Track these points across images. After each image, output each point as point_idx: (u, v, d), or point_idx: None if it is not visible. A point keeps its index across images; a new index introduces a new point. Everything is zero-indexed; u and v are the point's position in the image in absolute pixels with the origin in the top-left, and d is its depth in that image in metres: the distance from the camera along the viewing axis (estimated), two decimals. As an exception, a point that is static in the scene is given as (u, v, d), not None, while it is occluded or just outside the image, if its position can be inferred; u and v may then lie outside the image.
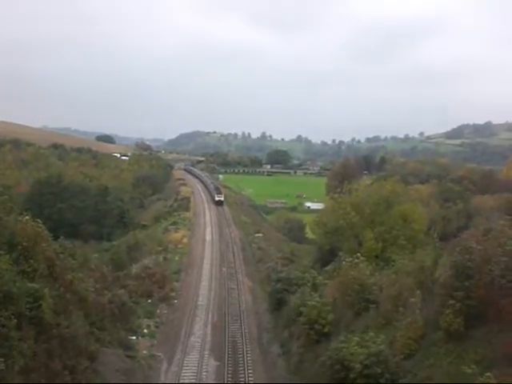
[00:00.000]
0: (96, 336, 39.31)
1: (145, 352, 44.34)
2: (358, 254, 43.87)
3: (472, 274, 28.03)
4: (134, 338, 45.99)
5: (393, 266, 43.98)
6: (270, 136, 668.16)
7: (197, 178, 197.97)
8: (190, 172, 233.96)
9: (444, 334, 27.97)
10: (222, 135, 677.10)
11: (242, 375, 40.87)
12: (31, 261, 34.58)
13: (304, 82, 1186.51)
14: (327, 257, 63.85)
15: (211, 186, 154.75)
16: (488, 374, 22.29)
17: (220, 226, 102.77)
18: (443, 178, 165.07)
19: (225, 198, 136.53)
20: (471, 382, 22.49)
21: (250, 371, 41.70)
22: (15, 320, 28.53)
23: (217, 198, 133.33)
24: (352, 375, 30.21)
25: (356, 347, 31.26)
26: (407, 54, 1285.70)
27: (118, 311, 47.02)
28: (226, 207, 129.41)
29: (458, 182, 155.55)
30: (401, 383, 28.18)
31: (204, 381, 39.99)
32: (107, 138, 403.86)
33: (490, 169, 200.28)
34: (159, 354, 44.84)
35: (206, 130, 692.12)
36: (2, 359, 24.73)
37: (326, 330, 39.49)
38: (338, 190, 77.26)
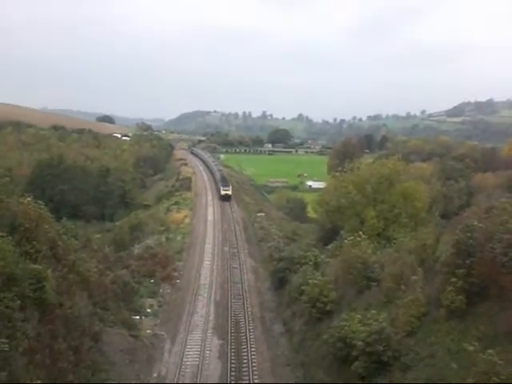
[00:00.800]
0: (99, 316, 39.57)
1: (148, 331, 44.63)
2: (360, 233, 43.96)
3: (474, 251, 28.07)
4: (138, 317, 46.25)
5: (394, 244, 44.10)
6: (271, 115, 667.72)
7: (201, 160, 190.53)
8: (196, 155, 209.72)
9: (446, 311, 28.09)
10: (223, 115, 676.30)
11: (245, 353, 41.14)
12: (34, 242, 34.64)
13: (305, 60, 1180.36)
14: (329, 235, 63.88)
15: (215, 170, 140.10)
16: (490, 351, 22.38)
17: (222, 206, 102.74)
18: (445, 156, 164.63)
19: (233, 190, 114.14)
20: (473, 360, 22.61)
21: (252, 349, 41.98)
22: (19, 301, 28.68)
23: (223, 192, 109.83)
24: (354, 353, 30.48)
25: (358, 325, 31.49)
26: (410, 31, 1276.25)
27: (121, 291, 47.27)
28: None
29: (459, 160, 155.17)
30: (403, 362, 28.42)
31: (207, 359, 40.29)
32: (108, 119, 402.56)
33: (492, 146, 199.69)
34: (162, 333, 45.11)
35: (207, 110, 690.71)
36: (6, 340, 24.87)
37: (328, 308, 39.65)
38: (340, 168, 77.12)
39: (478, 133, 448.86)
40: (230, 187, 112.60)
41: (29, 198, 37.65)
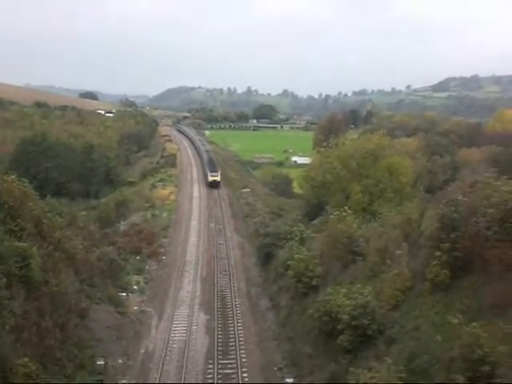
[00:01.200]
0: (86, 293, 39.59)
1: (135, 308, 44.78)
2: (346, 208, 44.09)
3: (458, 225, 28.26)
4: (124, 294, 46.34)
5: (379, 218, 44.31)
6: (256, 91, 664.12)
7: (186, 137, 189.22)
8: (181, 132, 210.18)
9: (430, 285, 28.32)
10: (208, 90, 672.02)
11: (232, 328, 41.44)
12: (18, 220, 34.44)
13: (291, 33, 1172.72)
14: (315, 211, 64.03)
15: (200, 148, 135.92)
16: (474, 323, 22.64)
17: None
18: (430, 132, 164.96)
19: (222, 176, 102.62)
20: (457, 332, 22.88)
21: (239, 324, 42.30)
22: (4, 279, 28.55)
23: (210, 178, 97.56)
24: (340, 326, 30.71)
25: (343, 299, 31.70)
26: (399, 6, 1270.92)
27: (107, 268, 47.25)
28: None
29: (444, 136, 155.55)
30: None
31: (194, 334, 40.55)
32: (91, 95, 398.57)
33: (477, 122, 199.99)
34: (149, 309, 45.30)
35: (192, 86, 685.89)
36: (-7, 318, 24.85)
37: (313, 282, 39.89)
38: (325, 144, 77.01)
39: (463, 108, 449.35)
40: (219, 172, 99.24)
41: (13, 176, 37.37)
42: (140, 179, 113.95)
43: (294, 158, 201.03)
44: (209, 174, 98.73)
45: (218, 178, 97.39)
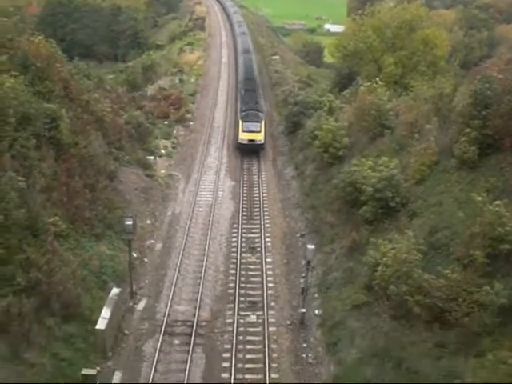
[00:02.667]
0: (114, 156, 40.21)
1: (163, 172, 45.50)
2: (377, 79, 43.09)
3: (491, 103, 27.59)
4: (152, 158, 46.91)
5: (411, 92, 43.41)
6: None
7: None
8: None
9: (457, 161, 28.17)
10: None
11: (257, 195, 42.23)
12: (46, 82, 34.42)
13: None
14: (345, 81, 62.84)
15: (230, 12, 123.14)
16: (497, 202, 22.71)
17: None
18: (469, 5, 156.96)
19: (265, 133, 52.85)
20: (480, 210, 22.99)
21: (264, 190, 43.07)
22: (34, 140, 29.08)
23: (244, 136, 50.44)
24: (363, 198, 31.09)
25: (369, 171, 31.81)
26: None
27: (135, 132, 47.49)
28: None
29: (484, 10, 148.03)
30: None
31: (220, 199, 41.48)
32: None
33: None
34: (177, 173, 46.05)
35: None
36: (23, 178, 25.47)
37: (340, 153, 39.91)
38: (360, 11, 74.22)
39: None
40: (262, 123, 51.25)
41: (40, 37, 36.85)
42: (168, 43, 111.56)
43: (327, 26, 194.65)
44: (242, 126, 50.74)
45: (261, 136, 50.37)
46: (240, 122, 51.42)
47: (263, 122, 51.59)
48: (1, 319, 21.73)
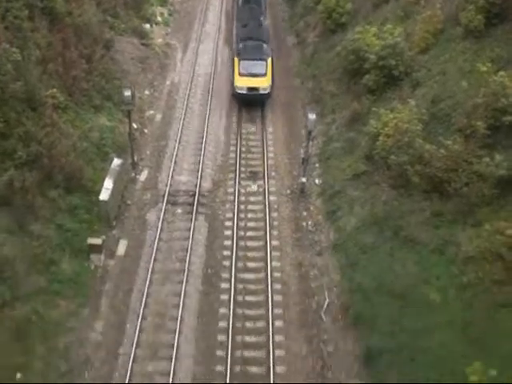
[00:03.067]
0: (110, 24, 38.87)
1: (160, 40, 44.08)
2: None
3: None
4: (148, 26, 45.26)
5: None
6: None
7: None
8: None
9: (463, 30, 27.23)
10: None
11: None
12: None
13: None
14: None
15: None
16: (502, 72, 22.26)
17: None
18: None
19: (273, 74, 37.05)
20: (484, 80, 22.57)
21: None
22: (26, 11, 27.90)
23: (240, 86, 35.28)
24: (366, 66, 30.43)
25: (372, 38, 30.91)
26: None
27: (130, -2, 45.48)
28: None
29: None
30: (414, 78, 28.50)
31: (219, 66, 40.58)
32: None
33: None
34: (174, 42, 44.73)
35: None
36: (18, 50, 24.73)
37: (343, 20, 38.47)
38: None
39: None
40: (269, 61, 36.06)
41: None
42: None
43: None
44: (239, 58, 36.25)
45: (267, 82, 35.52)
46: (236, 60, 36.31)
47: (269, 60, 36.17)
48: (4, 193, 22.02)
